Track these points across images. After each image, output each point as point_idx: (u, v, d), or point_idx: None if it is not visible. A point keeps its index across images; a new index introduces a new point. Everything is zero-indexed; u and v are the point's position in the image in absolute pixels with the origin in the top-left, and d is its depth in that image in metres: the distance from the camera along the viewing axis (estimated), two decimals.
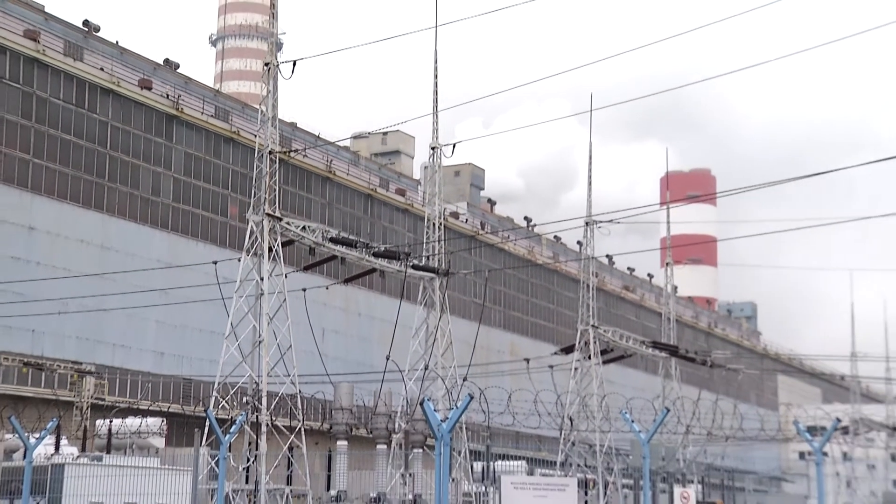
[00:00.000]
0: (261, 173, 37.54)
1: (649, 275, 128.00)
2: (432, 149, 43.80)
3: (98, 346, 59.93)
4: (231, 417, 33.87)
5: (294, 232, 38.41)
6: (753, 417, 61.15)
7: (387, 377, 39.46)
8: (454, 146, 43.36)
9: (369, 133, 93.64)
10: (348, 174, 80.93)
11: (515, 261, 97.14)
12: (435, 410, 21.58)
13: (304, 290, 39.04)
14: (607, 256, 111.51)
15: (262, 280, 36.83)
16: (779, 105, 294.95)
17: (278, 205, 38.10)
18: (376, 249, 41.68)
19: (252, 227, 37.37)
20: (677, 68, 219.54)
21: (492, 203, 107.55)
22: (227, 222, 68.58)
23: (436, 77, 43.39)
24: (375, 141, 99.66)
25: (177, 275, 57.27)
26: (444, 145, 43.46)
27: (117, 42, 66.96)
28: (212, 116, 69.86)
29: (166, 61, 70.52)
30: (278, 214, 37.74)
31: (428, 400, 22.47)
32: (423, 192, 70.89)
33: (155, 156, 65.21)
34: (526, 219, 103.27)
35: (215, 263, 36.99)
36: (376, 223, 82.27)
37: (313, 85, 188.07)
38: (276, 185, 37.98)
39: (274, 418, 36.26)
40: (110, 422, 48.19)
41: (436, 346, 42.46)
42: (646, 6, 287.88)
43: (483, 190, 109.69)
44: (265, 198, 37.37)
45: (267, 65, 38.04)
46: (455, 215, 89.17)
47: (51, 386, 55.06)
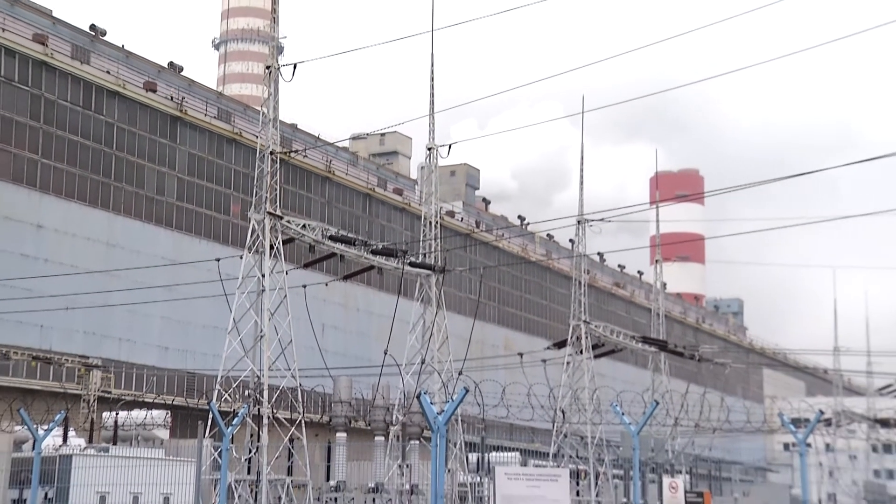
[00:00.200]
0: (262, 173, 37.51)
1: (639, 272, 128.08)
2: (429, 149, 43.81)
3: (104, 341, 59.89)
4: (233, 410, 33.86)
5: (294, 230, 38.38)
6: (740, 410, 61.15)
7: (384, 371, 39.46)
8: (450, 147, 43.39)
9: (367, 134, 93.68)
10: (347, 174, 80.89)
11: (509, 258, 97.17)
12: (431, 403, 21.59)
13: (305, 286, 38.99)
14: (598, 254, 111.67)
15: (264, 277, 36.81)
16: (765, 108, 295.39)
17: (279, 204, 38.07)
18: (374, 247, 41.65)
19: (254, 225, 37.35)
20: (667, 72, 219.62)
21: (486, 202, 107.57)
22: (229, 220, 68.53)
23: (432, 80, 43.42)
24: (373, 142, 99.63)
25: (181, 271, 57.21)
26: (441, 146, 43.50)
27: (123, 46, 66.93)
28: (214, 118, 69.80)
29: (170, 64, 70.48)
30: (279, 213, 37.72)
31: (424, 393, 22.49)
32: (420, 192, 70.92)
33: (159, 156, 65.16)
34: (519, 217, 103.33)
35: (218, 261, 36.95)
36: (374, 222, 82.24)
37: (313, 87, 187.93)
38: (277, 185, 37.96)
39: (275, 411, 36.25)
40: (116, 414, 48.19)
41: (432, 341, 42.47)
42: (637, 11, 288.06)
43: (478, 189, 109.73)
44: (266, 197, 37.35)
45: (268, 68, 38.00)
46: (451, 214, 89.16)
47: (59, 379, 55.04)
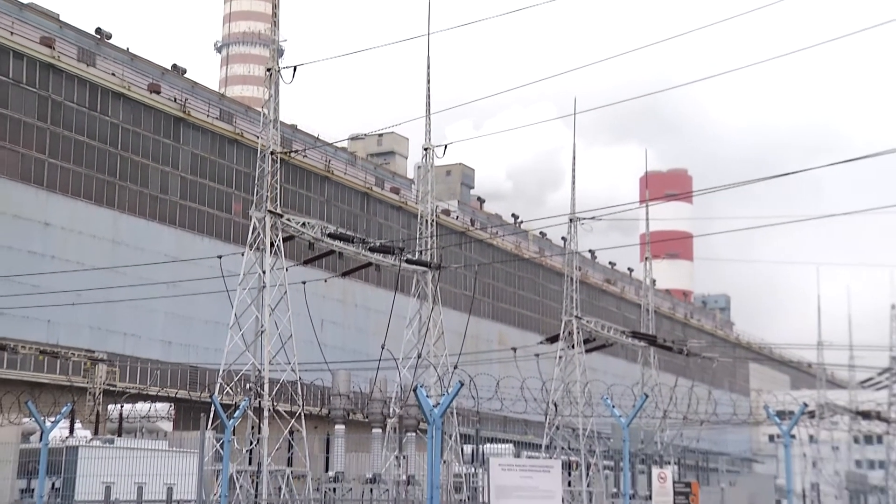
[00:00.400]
0: (263, 172, 37.45)
1: (629, 269, 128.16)
2: (425, 149, 43.75)
3: (110, 336, 59.87)
4: (235, 403, 33.80)
5: (294, 228, 38.33)
6: (726, 403, 61.19)
7: (382, 365, 39.44)
8: (446, 147, 43.34)
9: (365, 135, 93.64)
10: (346, 173, 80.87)
11: (503, 255, 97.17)
12: (427, 396, 21.58)
13: (304, 282, 38.92)
14: (590, 251, 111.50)
15: (264, 273, 36.76)
16: (751, 110, 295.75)
17: (279, 202, 38.02)
18: (372, 244, 41.60)
19: (255, 223, 37.30)
20: (657, 74, 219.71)
21: (481, 201, 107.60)
22: (231, 219, 68.49)
23: (428, 82, 43.36)
24: (371, 142, 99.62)
25: (183, 268, 57.19)
26: (437, 146, 43.42)
27: (128, 49, 66.90)
28: (217, 119, 69.77)
29: (174, 67, 70.43)
30: (279, 211, 37.67)
31: (421, 386, 22.48)
32: (417, 191, 70.89)
33: (163, 156, 65.13)
34: (513, 216, 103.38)
35: (220, 258, 36.89)
36: (372, 220, 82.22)
37: (313, 89, 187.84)
38: (278, 184, 37.90)
39: (275, 404, 36.22)
40: (121, 407, 48.19)
41: (428, 336, 42.45)
42: (628, 16, 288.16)
43: (473, 188, 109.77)
44: (267, 196, 37.30)
45: (269, 70, 37.94)
46: (446, 212, 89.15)
47: (65, 373, 55.04)
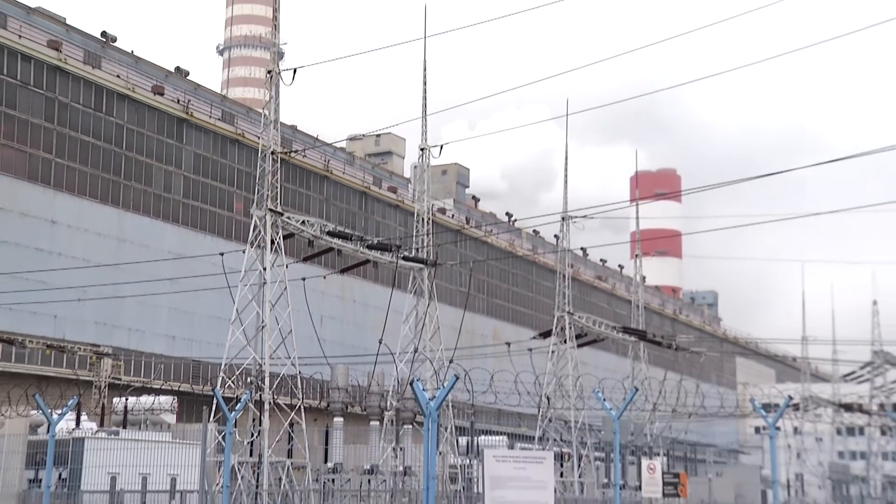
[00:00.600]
0: (264, 172, 37.44)
1: (620, 266, 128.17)
2: (421, 150, 43.75)
3: (114, 330, 59.81)
4: (236, 396, 33.78)
5: (294, 226, 38.33)
6: (714, 396, 61.18)
7: (379, 359, 39.46)
8: (441, 147, 43.35)
9: (363, 135, 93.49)
10: (344, 173, 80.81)
11: (497, 253, 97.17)
12: (423, 390, 21.58)
13: (304, 279, 38.93)
14: (581, 249, 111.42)
15: (265, 270, 36.75)
16: (739, 112, 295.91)
17: (280, 201, 38.01)
18: (370, 242, 41.61)
19: (256, 221, 37.29)
20: (647, 77, 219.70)
21: (476, 200, 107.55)
22: (232, 217, 68.42)
23: (425, 84, 43.35)
24: (369, 142, 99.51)
25: (187, 265, 57.15)
26: (433, 146, 43.43)
27: (132, 51, 66.81)
28: (219, 120, 69.68)
29: (177, 69, 70.32)
30: (280, 210, 37.66)
31: (417, 380, 22.46)
32: (413, 190, 70.81)
33: (167, 156, 65.05)
34: (507, 214, 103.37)
35: (222, 255, 36.89)
36: (370, 218, 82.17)
37: (312, 91, 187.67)
38: (278, 183, 37.90)
39: (276, 397, 36.23)
40: (126, 399, 48.20)
41: (424, 331, 42.47)
42: (620, 20, 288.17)
43: (468, 188, 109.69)
44: (268, 194, 37.28)
45: (269, 72, 37.91)
46: (442, 211, 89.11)
47: (71, 366, 54.97)
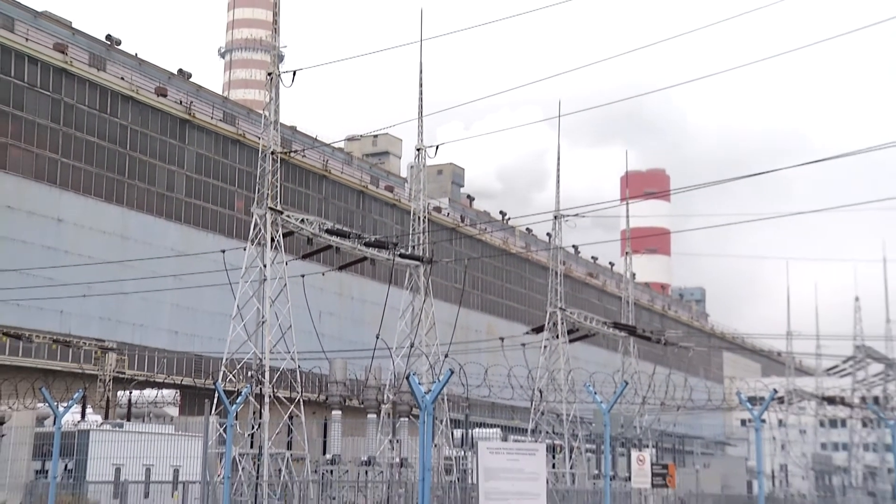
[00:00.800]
0: (264, 171, 37.39)
1: (610, 263, 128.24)
2: (417, 150, 43.70)
3: (119, 326, 59.77)
4: (237, 389, 33.73)
5: (294, 224, 38.28)
6: (701, 389, 61.37)
7: (376, 354, 39.42)
8: (437, 148, 43.27)
9: (361, 136, 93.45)
10: (342, 172, 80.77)
11: (492, 250, 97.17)
12: (419, 384, 21.57)
13: (303, 276, 38.88)
14: (573, 247, 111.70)
15: (265, 267, 36.71)
16: (726, 113, 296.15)
17: (280, 200, 37.97)
18: (367, 240, 41.55)
19: (256, 219, 37.24)
20: (637, 80, 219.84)
21: (471, 199, 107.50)
22: (233, 215, 68.37)
23: (421, 86, 43.30)
24: (367, 143, 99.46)
25: (189, 262, 57.11)
26: (429, 147, 43.37)
27: (136, 54, 66.69)
28: (220, 121, 69.63)
29: (180, 71, 70.22)
30: (280, 208, 37.62)
31: (413, 374, 22.49)
32: (410, 189, 70.79)
33: (169, 156, 65.00)
34: (501, 213, 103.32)
35: (223, 252, 36.85)
36: (367, 216, 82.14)
37: (311, 92, 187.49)
38: (278, 182, 37.85)
39: (276, 390, 36.20)
40: (130, 393, 48.10)
41: (420, 327, 42.42)
42: (611, 24, 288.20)
43: (463, 187, 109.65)
44: (268, 193, 37.24)
45: (270, 74, 37.87)
46: (438, 210, 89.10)
47: (77, 361, 54.93)
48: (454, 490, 38.62)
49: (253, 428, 36.10)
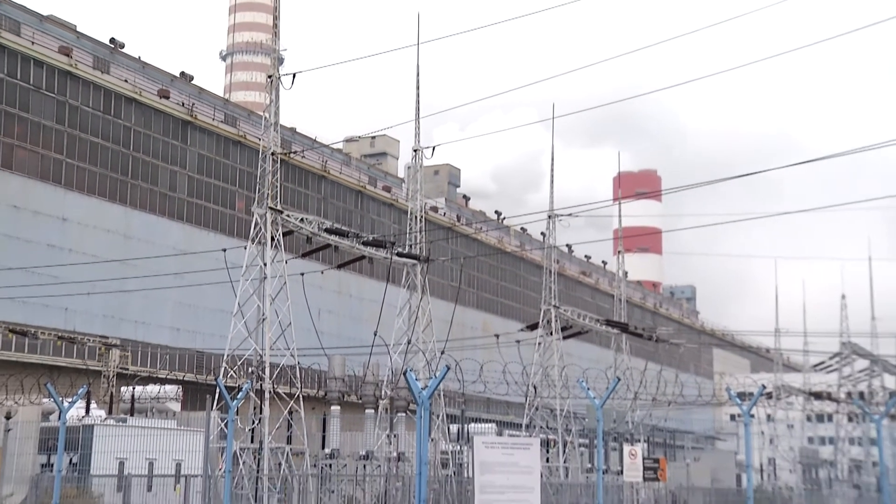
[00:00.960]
0: (264, 172, 37.35)
1: (603, 261, 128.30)
2: (414, 151, 43.64)
3: (122, 323, 59.72)
4: (238, 385, 33.71)
5: (293, 223, 38.24)
6: (692, 385, 61.19)
7: (374, 350, 39.39)
8: (434, 149, 43.21)
9: (359, 137, 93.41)
10: (341, 173, 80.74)
11: (487, 249, 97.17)
12: (416, 380, 21.57)
13: (302, 274, 38.80)
14: (567, 246, 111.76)
15: (266, 265, 36.67)
16: (717, 115, 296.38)
17: (279, 199, 37.92)
18: (365, 239, 41.51)
19: (257, 218, 37.20)
20: (630, 82, 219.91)
21: (466, 199, 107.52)
22: (234, 215, 68.32)
23: (417, 88, 43.25)
24: (365, 144, 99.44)
25: (191, 260, 57.02)
26: (425, 148, 43.28)
27: (139, 57, 66.62)
28: (221, 122, 69.58)
29: (182, 74, 70.17)
30: (279, 208, 37.58)
31: (410, 370, 22.48)
32: (407, 189, 70.77)
33: (172, 156, 64.94)
34: (496, 212, 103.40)
35: (224, 251, 36.81)
36: (365, 216, 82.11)
37: (311, 94, 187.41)
38: (278, 183, 37.80)
39: (276, 386, 36.17)
40: (133, 388, 48.11)
41: (417, 324, 42.39)
42: (604, 27, 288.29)
43: (459, 187, 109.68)
44: (268, 193, 37.20)
45: (270, 77, 37.82)
46: (434, 209, 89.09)
47: (81, 357, 54.87)
48: (450, 484, 38.63)
49: (253, 423, 36.06)
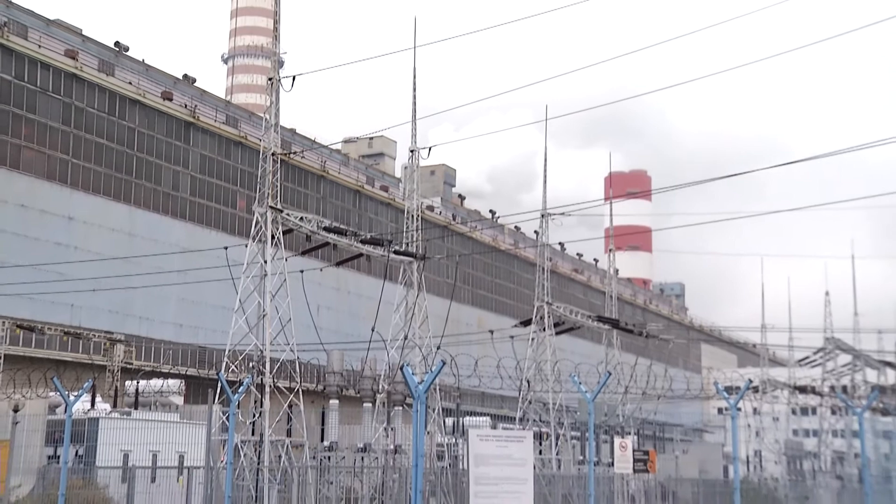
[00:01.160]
0: (265, 172, 37.33)
1: (595, 259, 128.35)
2: (411, 151, 43.64)
3: (127, 319, 59.65)
4: (239, 379, 33.70)
5: (293, 222, 38.23)
6: (681, 379, 61.48)
7: (372, 346, 39.46)
8: (430, 149, 43.23)
9: (358, 138, 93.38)
10: (339, 173, 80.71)
11: (482, 247, 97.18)
12: (413, 374, 21.58)
13: (302, 271, 38.80)
14: (560, 244, 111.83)
15: (266, 263, 36.66)
16: (705, 117, 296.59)
17: (280, 199, 37.91)
18: (363, 237, 41.52)
19: (257, 217, 37.19)
20: (622, 85, 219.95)
21: (462, 198, 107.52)
22: (236, 213, 68.28)
23: (414, 90, 43.25)
24: (363, 144, 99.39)
25: (193, 258, 57.02)
26: (422, 148, 43.30)
27: (143, 60, 66.59)
28: (223, 123, 69.53)
29: (185, 76, 70.10)
30: (280, 207, 37.57)
31: (407, 365, 22.44)
32: (404, 189, 70.75)
33: (175, 156, 64.87)
34: (491, 212, 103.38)
35: (226, 249, 36.83)
36: (363, 215, 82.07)
37: (310, 96, 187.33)
38: (278, 182, 37.80)
39: (276, 380, 36.18)
40: (137, 382, 48.01)
41: (414, 320, 42.42)
42: (597, 30, 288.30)
43: (454, 187, 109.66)
44: (268, 193, 37.19)
45: (270, 79, 37.81)
46: (430, 208, 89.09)
47: (87, 352, 54.85)
48: (446, 475, 38.62)
49: (254, 416, 36.06)
